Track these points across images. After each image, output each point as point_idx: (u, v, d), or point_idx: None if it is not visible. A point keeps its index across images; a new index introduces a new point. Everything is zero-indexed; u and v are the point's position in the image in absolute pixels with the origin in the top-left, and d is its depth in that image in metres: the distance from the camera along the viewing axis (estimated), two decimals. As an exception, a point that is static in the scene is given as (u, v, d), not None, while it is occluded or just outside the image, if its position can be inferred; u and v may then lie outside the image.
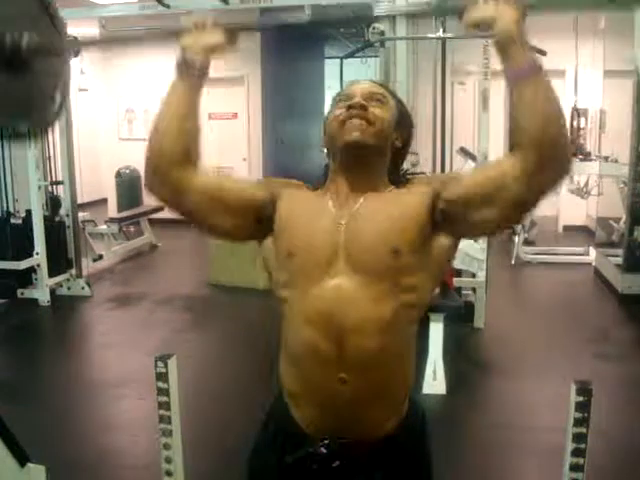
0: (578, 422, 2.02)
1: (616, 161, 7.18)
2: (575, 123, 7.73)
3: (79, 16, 6.91)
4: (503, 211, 1.33)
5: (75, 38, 5.68)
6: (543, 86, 1.28)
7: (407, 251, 1.39)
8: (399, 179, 1.57)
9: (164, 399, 2.16)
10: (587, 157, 7.54)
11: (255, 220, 1.52)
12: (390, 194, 1.50)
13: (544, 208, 1.40)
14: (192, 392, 3.52)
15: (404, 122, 1.57)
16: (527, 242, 7.82)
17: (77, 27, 6.92)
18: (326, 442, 1.44)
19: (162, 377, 2.13)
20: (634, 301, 5.71)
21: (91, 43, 2.19)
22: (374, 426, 1.46)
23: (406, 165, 1.68)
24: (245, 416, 3.59)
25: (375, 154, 1.49)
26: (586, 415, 2.02)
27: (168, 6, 5.71)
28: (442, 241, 1.49)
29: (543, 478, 3.21)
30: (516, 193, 1.29)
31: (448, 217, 1.42)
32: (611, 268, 6.43)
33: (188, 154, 1.45)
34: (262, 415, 1.62)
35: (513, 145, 1.30)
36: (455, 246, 1.61)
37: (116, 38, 4.76)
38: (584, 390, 2.02)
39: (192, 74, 1.46)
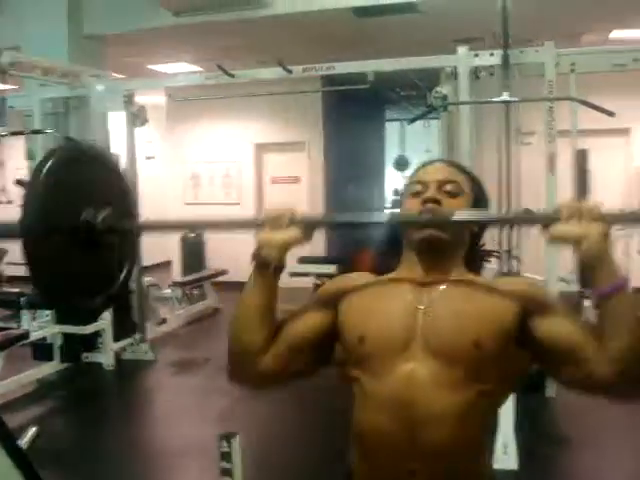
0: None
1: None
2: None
3: (146, 87, 7.13)
4: (572, 380, 1.33)
5: (143, 107, 5.85)
6: (630, 303, 1.25)
7: (489, 347, 1.33)
8: (476, 260, 1.55)
9: (228, 479, 2.08)
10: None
11: (330, 343, 1.50)
12: (473, 284, 1.45)
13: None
14: (254, 468, 3.42)
15: (481, 202, 1.53)
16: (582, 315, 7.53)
17: (145, 96, 7.17)
18: None
19: (226, 457, 2.06)
20: None
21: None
22: None
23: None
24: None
25: (451, 246, 1.45)
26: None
27: (232, 75, 5.82)
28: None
29: None
30: (589, 383, 1.28)
31: (529, 341, 1.37)
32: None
33: (269, 343, 1.46)
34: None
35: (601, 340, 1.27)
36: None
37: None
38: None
39: (269, 270, 1.44)
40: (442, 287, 1.42)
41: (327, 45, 7.48)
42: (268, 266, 1.43)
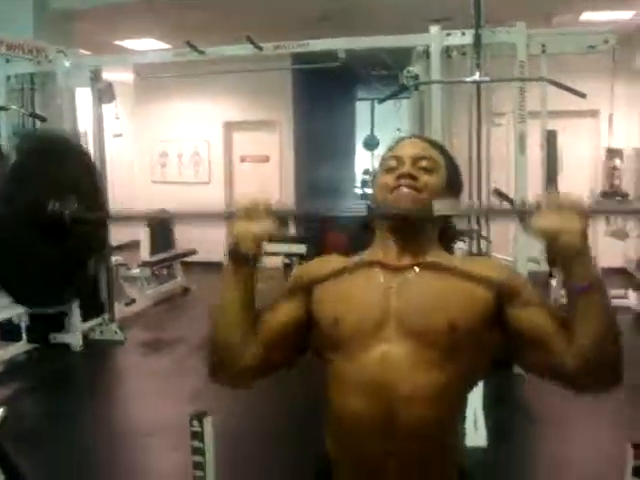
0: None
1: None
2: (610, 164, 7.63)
3: (113, 63, 7.02)
4: (541, 369, 1.35)
5: (110, 83, 5.75)
6: (603, 301, 1.27)
7: (463, 329, 1.33)
8: (450, 238, 1.54)
9: (199, 459, 2.07)
10: (625, 198, 7.40)
11: (307, 332, 1.48)
12: (447, 264, 1.43)
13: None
14: (226, 447, 3.42)
15: (455, 181, 1.53)
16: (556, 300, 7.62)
17: (112, 72, 7.05)
18: None
19: (197, 436, 2.05)
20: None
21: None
22: None
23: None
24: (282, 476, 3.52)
25: (425, 226, 1.44)
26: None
27: (202, 52, 5.74)
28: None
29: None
30: (557, 373, 1.31)
31: (504, 330, 1.37)
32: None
33: (249, 334, 1.43)
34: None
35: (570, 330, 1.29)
36: None
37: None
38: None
39: (245, 263, 1.41)
40: (415, 268, 1.41)
41: (298, 23, 7.41)
42: (247, 260, 1.40)
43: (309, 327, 1.46)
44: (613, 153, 7.74)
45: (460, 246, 4.77)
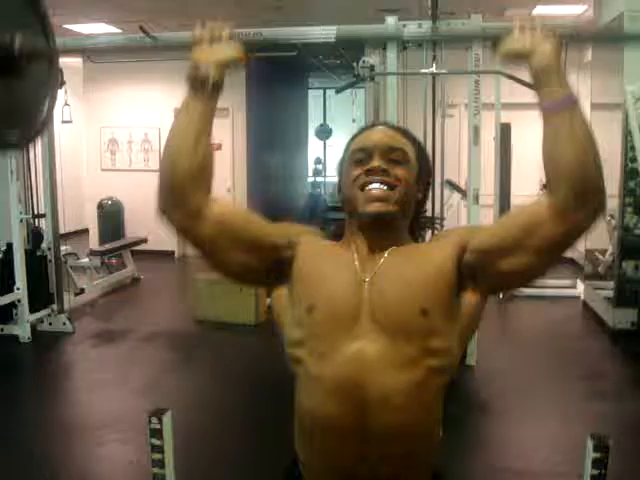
0: (595, 479, 1.92)
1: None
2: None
3: (63, 47, 6.82)
4: (534, 258, 1.25)
5: (59, 69, 5.58)
6: (580, 118, 1.22)
7: (436, 311, 1.31)
8: (420, 228, 1.52)
9: (158, 456, 2.03)
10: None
11: (270, 263, 1.41)
12: (414, 250, 1.41)
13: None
14: (182, 441, 3.37)
15: (426, 170, 1.50)
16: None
17: (61, 57, 6.85)
18: None
19: (156, 434, 2.01)
20: (625, 336, 5.66)
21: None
22: None
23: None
24: (241, 472, 3.49)
25: (398, 219, 1.42)
26: (603, 471, 1.92)
27: (155, 38, 5.63)
28: (470, 299, 1.41)
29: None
30: (550, 235, 1.22)
31: (475, 270, 1.33)
32: (601, 302, 6.38)
33: (204, 173, 1.34)
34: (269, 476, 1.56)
35: (548, 183, 1.24)
36: (483, 304, 1.52)
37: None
38: (601, 445, 1.92)
39: (206, 90, 1.34)
40: (385, 256, 1.38)
41: (252, 11, 7.34)
42: (205, 84, 1.33)
43: (277, 268, 1.41)
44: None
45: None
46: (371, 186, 1.36)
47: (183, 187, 1.31)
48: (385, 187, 1.36)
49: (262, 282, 1.52)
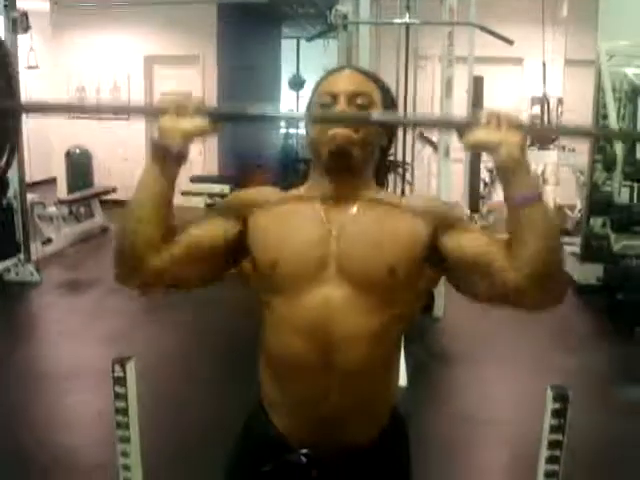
0: (554, 429, 1.97)
1: (573, 150, 7.23)
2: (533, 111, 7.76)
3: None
4: (483, 293, 1.34)
5: (25, 12, 5.43)
6: (543, 213, 1.25)
7: (403, 272, 1.34)
8: (385, 173, 1.54)
9: (122, 405, 2.03)
10: (545, 146, 7.56)
11: (232, 255, 1.42)
12: (385, 208, 1.41)
13: (501, 195, 1.36)
14: (148, 390, 3.37)
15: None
16: (484, 228, 7.82)
17: (27, 1, 6.65)
18: (306, 452, 1.41)
19: (120, 381, 2.00)
20: (591, 291, 5.75)
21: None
22: (356, 436, 1.42)
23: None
24: (207, 419, 3.51)
25: (362, 160, 1.40)
26: (563, 422, 1.97)
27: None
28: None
29: (507, 472, 3.19)
30: (506, 293, 1.28)
31: (441, 259, 1.37)
32: (567, 257, 6.46)
33: (165, 239, 1.32)
34: (232, 420, 1.57)
35: (511, 248, 1.27)
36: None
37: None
38: (561, 396, 1.96)
39: (169, 160, 1.31)
40: (354, 210, 1.38)
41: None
42: (169, 154, 1.31)
43: (238, 250, 1.42)
44: (536, 101, 7.88)
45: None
46: (335, 128, 1.35)
47: (144, 257, 1.30)
48: (349, 129, 1.35)
49: (228, 270, 1.50)
